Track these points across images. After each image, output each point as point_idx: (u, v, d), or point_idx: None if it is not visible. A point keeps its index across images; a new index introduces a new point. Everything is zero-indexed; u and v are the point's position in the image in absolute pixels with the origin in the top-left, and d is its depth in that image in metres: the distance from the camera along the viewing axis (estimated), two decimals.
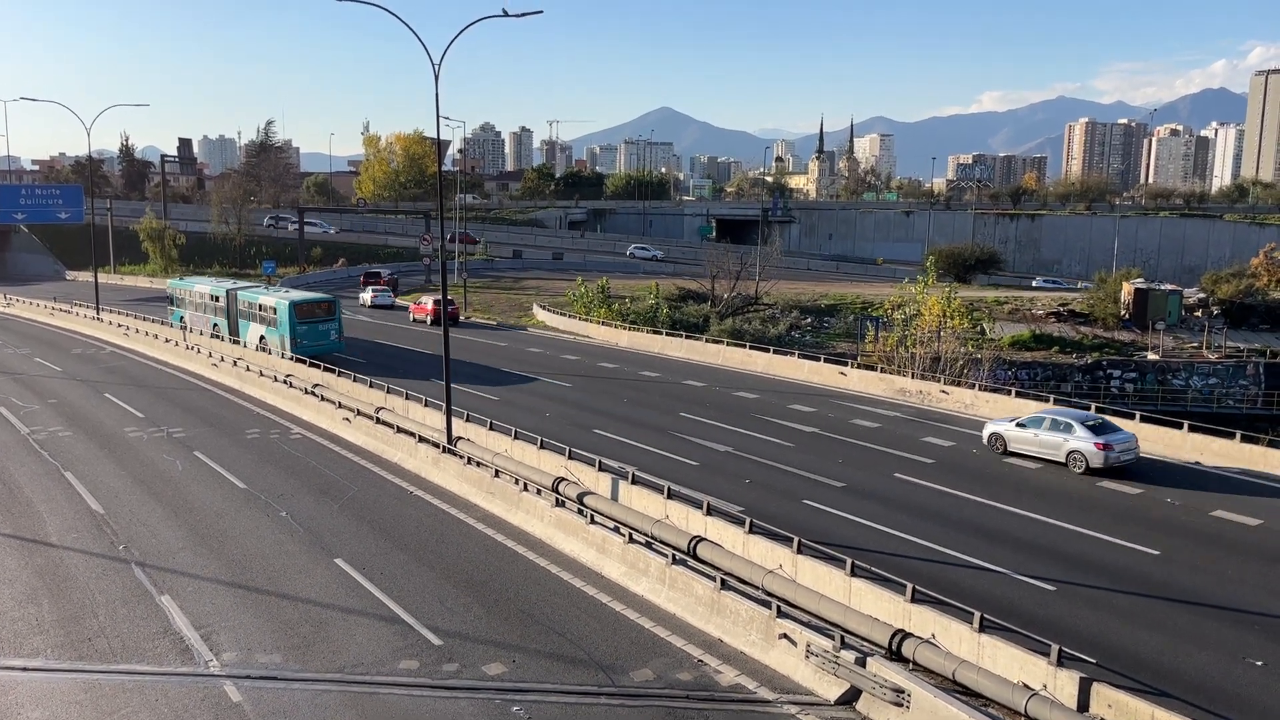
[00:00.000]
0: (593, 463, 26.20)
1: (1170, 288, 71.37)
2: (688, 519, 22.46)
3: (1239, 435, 28.82)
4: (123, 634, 18.55)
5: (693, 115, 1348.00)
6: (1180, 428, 30.13)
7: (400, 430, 31.76)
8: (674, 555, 20.35)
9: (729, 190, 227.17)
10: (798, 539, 19.89)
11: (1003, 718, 14.73)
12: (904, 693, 14.88)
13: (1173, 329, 64.50)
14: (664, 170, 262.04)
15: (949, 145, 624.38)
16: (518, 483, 25.31)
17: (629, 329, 56.37)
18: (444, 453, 28.85)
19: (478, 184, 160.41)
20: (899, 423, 34.67)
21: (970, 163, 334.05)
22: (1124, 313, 66.51)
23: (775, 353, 46.06)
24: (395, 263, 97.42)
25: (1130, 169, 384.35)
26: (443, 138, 43.28)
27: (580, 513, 23.56)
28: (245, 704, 15.91)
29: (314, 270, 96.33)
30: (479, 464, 27.38)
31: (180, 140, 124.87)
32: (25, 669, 17.34)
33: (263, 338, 48.46)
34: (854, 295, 76.49)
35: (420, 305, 64.46)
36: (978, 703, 14.91)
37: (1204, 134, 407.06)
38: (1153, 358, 58.26)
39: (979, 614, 16.29)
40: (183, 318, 57.03)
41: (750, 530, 20.97)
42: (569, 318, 62.04)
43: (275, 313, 47.52)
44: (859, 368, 42.76)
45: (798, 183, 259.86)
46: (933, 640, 16.49)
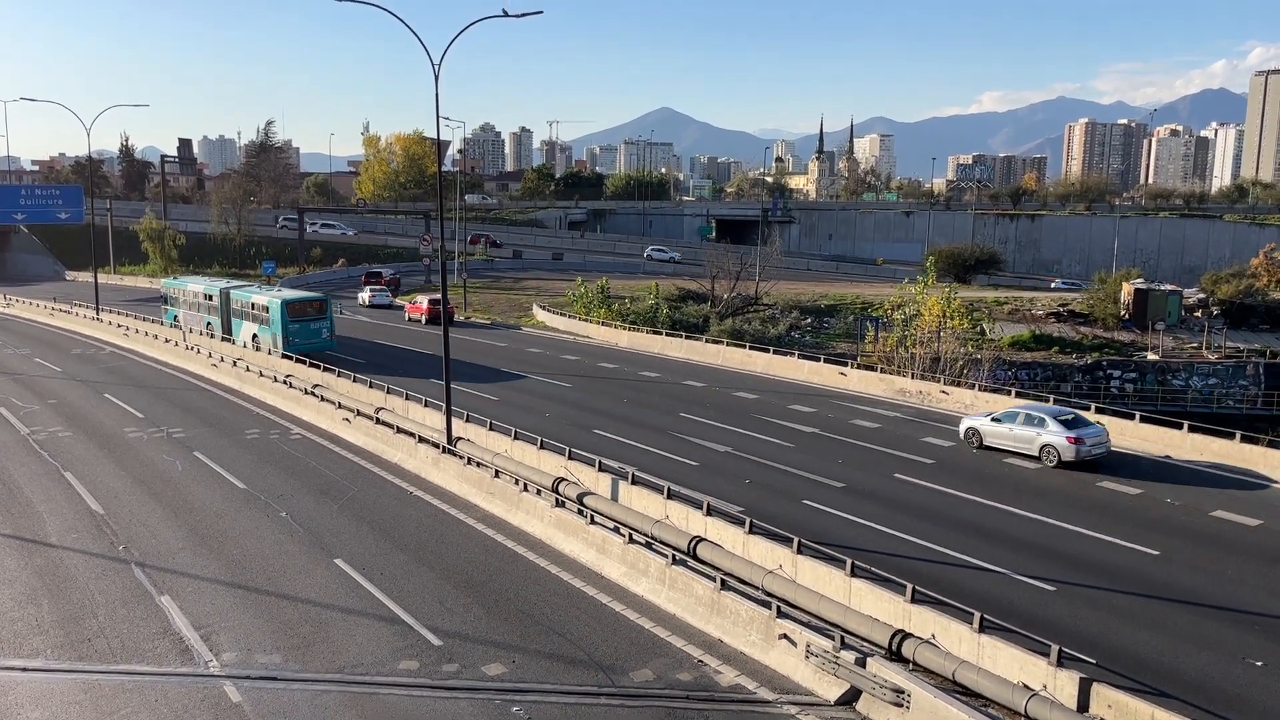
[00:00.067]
0: (593, 463, 26.21)
1: (1170, 288, 71.38)
2: (688, 519, 22.46)
3: (1239, 435, 28.82)
4: (122, 634, 18.55)
5: (693, 115, 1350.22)
6: (1180, 428, 30.15)
7: (400, 430, 31.77)
8: (674, 555, 20.34)
9: (729, 190, 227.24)
10: (798, 539, 19.89)
11: (1003, 718, 14.74)
12: (904, 693, 14.89)
13: (1172, 329, 64.51)
14: (664, 170, 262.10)
15: (949, 145, 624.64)
16: (518, 483, 25.31)
17: (629, 329, 56.37)
18: (444, 453, 28.85)
19: (478, 184, 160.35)
20: (899, 423, 34.67)
21: (970, 163, 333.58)
22: (1124, 313, 66.52)
23: (775, 353, 46.05)
24: (395, 263, 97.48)
25: (1130, 169, 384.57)
26: (443, 138, 43.33)
27: (580, 513, 23.56)
28: (245, 704, 15.91)
29: (314, 270, 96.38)
30: (479, 464, 27.38)
31: (180, 140, 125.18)
32: (25, 669, 17.35)
33: (255, 336, 48.81)
34: (854, 295, 76.50)
35: (416, 305, 65.24)
36: (978, 703, 14.91)
37: (1204, 134, 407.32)
38: (1152, 358, 58.27)
39: (979, 614, 16.29)
40: (177, 316, 57.44)
41: (750, 530, 20.97)
42: (569, 318, 62.04)
43: (268, 311, 47.91)
44: (859, 368, 42.76)
45: (797, 183, 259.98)
46: (933, 640, 16.49)
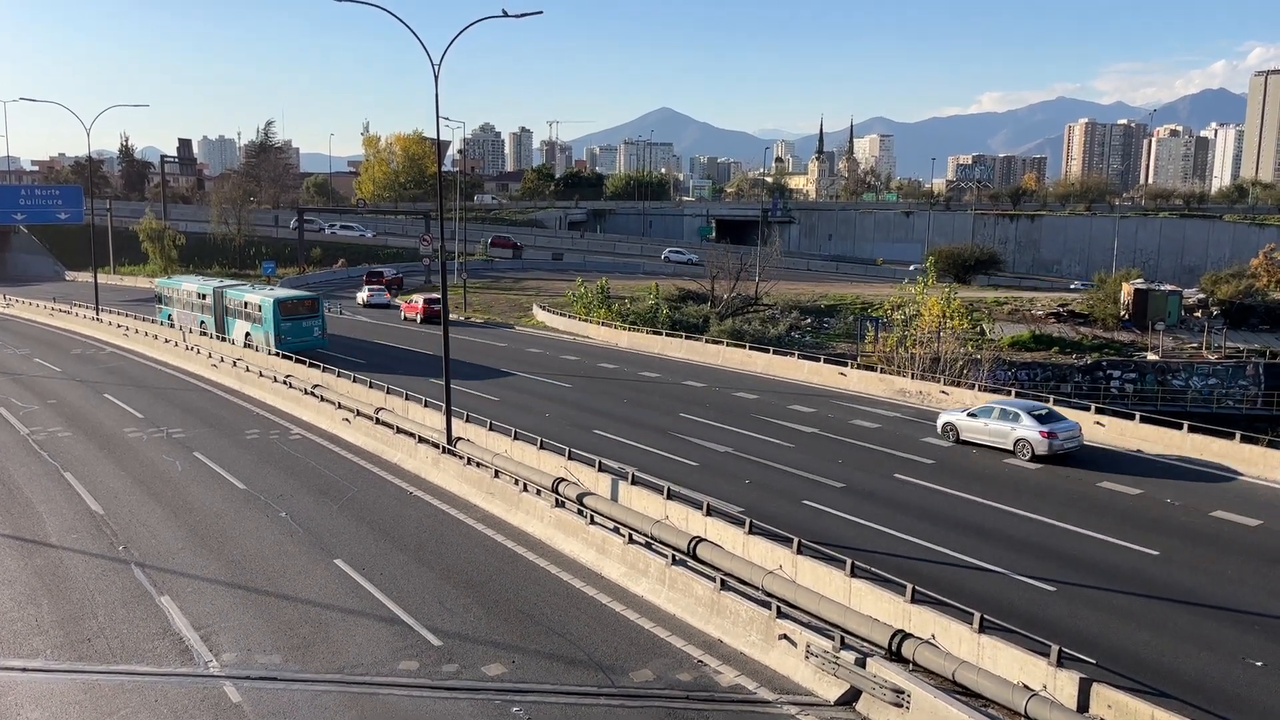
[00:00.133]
0: (592, 463, 26.20)
1: (1170, 288, 71.38)
2: (687, 519, 22.45)
3: (1239, 436, 28.82)
4: (122, 634, 18.55)
5: (692, 116, 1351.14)
6: (1180, 428, 30.14)
7: (400, 431, 31.76)
8: (674, 556, 20.34)
9: (729, 191, 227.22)
10: (797, 539, 19.89)
11: (1003, 718, 14.73)
12: (904, 693, 14.89)
13: (1172, 329, 64.51)
14: (664, 171, 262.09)
15: (948, 146, 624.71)
16: (517, 483, 25.31)
17: (629, 329, 56.36)
18: (444, 453, 28.85)
19: (478, 184, 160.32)
20: (899, 423, 34.66)
21: (970, 163, 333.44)
22: (1124, 313, 66.52)
23: (775, 353, 46.04)
24: (395, 263, 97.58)
25: (1130, 169, 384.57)
26: (443, 138, 43.32)
27: (580, 513, 23.55)
28: (245, 704, 15.91)
29: (314, 271, 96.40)
30: (479, 464, 27.38)
31: (180, 141, 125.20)
32: (25, 669, 17.35)
33: (248, 334, 49.32)
34: (853, 296, 76.49)
35: (411, 304, 66.21)
36: (978, 703, 14.91)
37: (1204, 134, 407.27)
38: (1152, 358, 58.27)
39: (979, 614, 16.29)
40: (171, 316, 57.89)
41: (750, 531, 20.96)
42: (569, 318, 62.05)
43: (260, 310, 48.43)
44: (859, 368, 42.74)
45: (797, 183, 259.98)
46: (933, 641, 16.49)
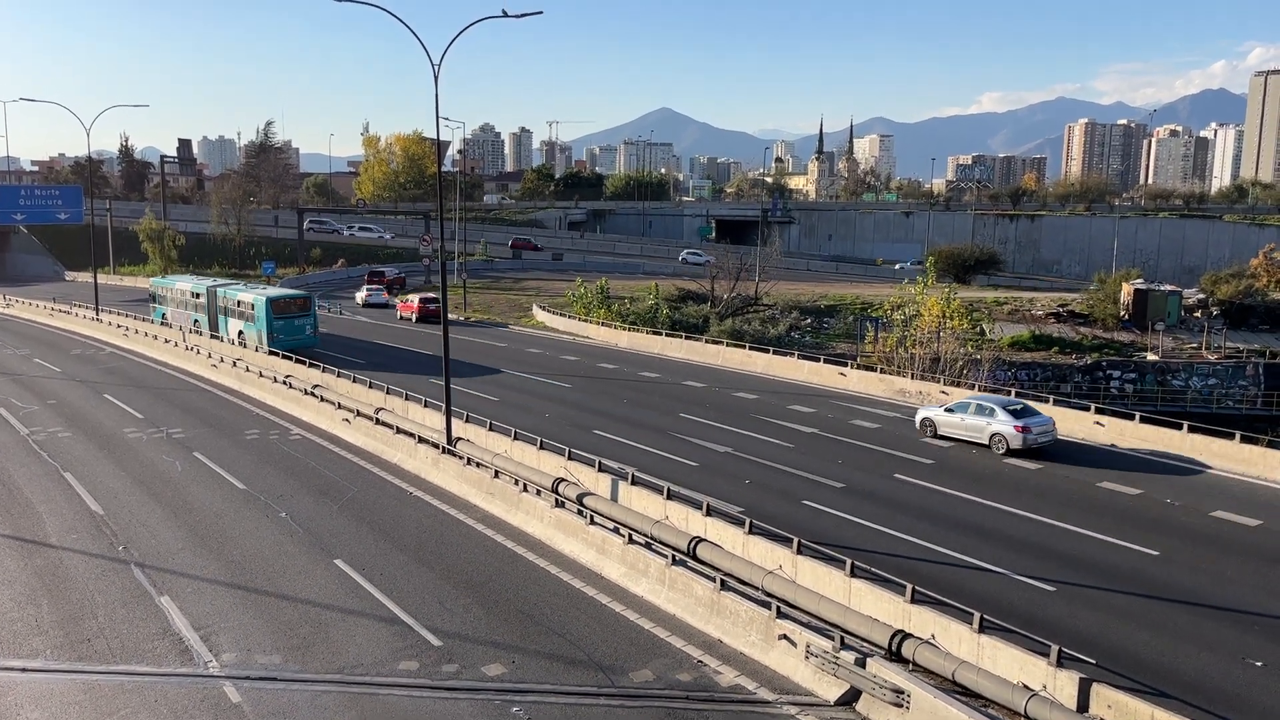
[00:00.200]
0: (592, 463, 26.21)
1: (1170, 288, 71.34)
2: (687, 520, 22.45)
3: (1239, 436, 28.81)
4: (122, 635, 18.55)
5: (692, 116, 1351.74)
6: (1180, 428, 30.14)
7: (400, 431, 31.77)
8: (674, 556, 20.34)
9: (729, 191, 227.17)
10: (797, 539, 19.89)
11: (1003, 718, 14.73)
12: (904, 693, 14.89)
13: (1172, 329, 64.50)
14: (664, 171, 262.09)
15: (948, 146, 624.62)
16: (517, 483, 25.31)
17: (628, 330, 56.37)
18: (443, 453, 28.85)
19: (478, 184, 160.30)
20: (898, 423, 34.65)
21: (970, 163, 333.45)
22: (1123, 313, 66.51)
23: (775, 353, 46.05)
24: (394, 263, 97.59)
25: (1130, 170, 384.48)
26: (442, 138, 43.35)
27: (580, 513, 23.54)
28: (245, 705, 15.91)
29: (314, 271, 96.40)
30: (479, 464, 27.38)
31: (180, 141, 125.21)
32: (25, 670, 17.35)
33: (241, 333, 49.93)
34: (853, 296, 76.47)
35: (407, 303, 66.98)
36: (977, 703, 14.91)
37: (1203, 135, 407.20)
38: (1152, 358, 58.26)
39: (979, 614, 16.29)
40: (165, 315, 58.47)
41: (750, 531, 20.96)
42: (568, 318, 62.07)
43: (253, 309, 49.05)
44: (858, 368, 42.76)
45: (797, 183, 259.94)
46: (932, 641, 16.49)
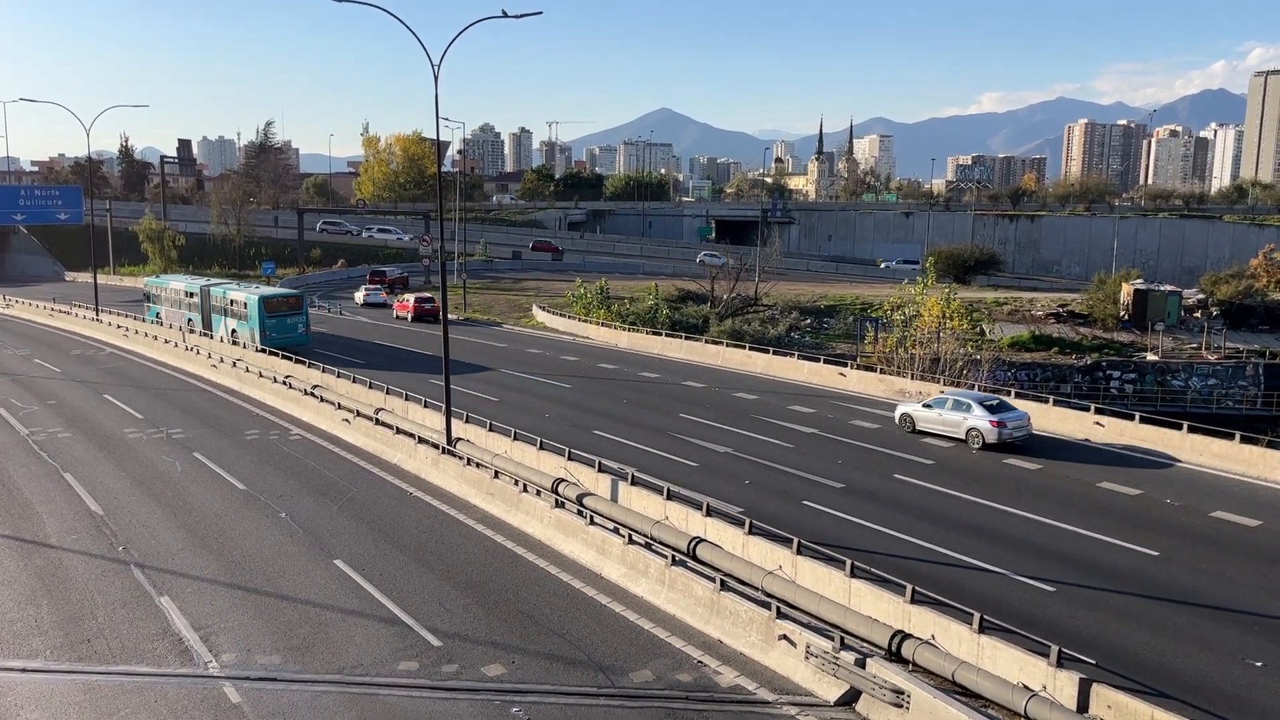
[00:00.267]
0: (592, 464, 26.21)
1: (1169, 289, 71.30)
2: (687, 520, 22.45)
3: (1239, 436, 28.81)
4: (122, 635, 18.55)
5: (692, 116, 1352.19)
6: (1180, 428, 30.13)
7: (400, 431, 31.77)
8: (673, 556, 20.34)
9: (728, 191, 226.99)
10: (797, 540, 19.89)
11: (1002, 719, 14.74)
12: (904, 694, 14.89)
13: (1172, 330, 64.49)
14: (663, 171, 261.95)
15: (948, 146, 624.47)
16: (517, 484, 25.31)
17: (628, 330, 56.37)
18: (443, 454, 28.85)
19: (477, 184, 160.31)
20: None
21: (969, 164, 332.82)
22: (1123, 313, 66.50)
23: (775, 354, 46.05)
24: (394, 264, 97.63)
25: (1129, 170, 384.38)
26: (442, 139, 43.36)
27: (580, 514, 23.53)
28: (244, 705, 15.91)
29: (314, 271, 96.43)
30: (478, 465, 27.38)
31: (180, 141, 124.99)
32: (24, 670, 17.34)
33: (234, 331, 50.57)
34: (853, 296, 76.46)
35: (403, 303, 67.71)
36: (977, 704, 14.91)
37: (1203, 135, 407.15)
38: (1152, 359, 58.26)
39: (978, 615, 16.29)
40: (159, 314, 59.00)
41: (750, 531, 20.96)
42: (568, 318, 62.09)
43: (245, 307, 49.73)
44: (858, 369, 42.77)
45: (797, 184, 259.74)
46: (932, 641, 16.49)
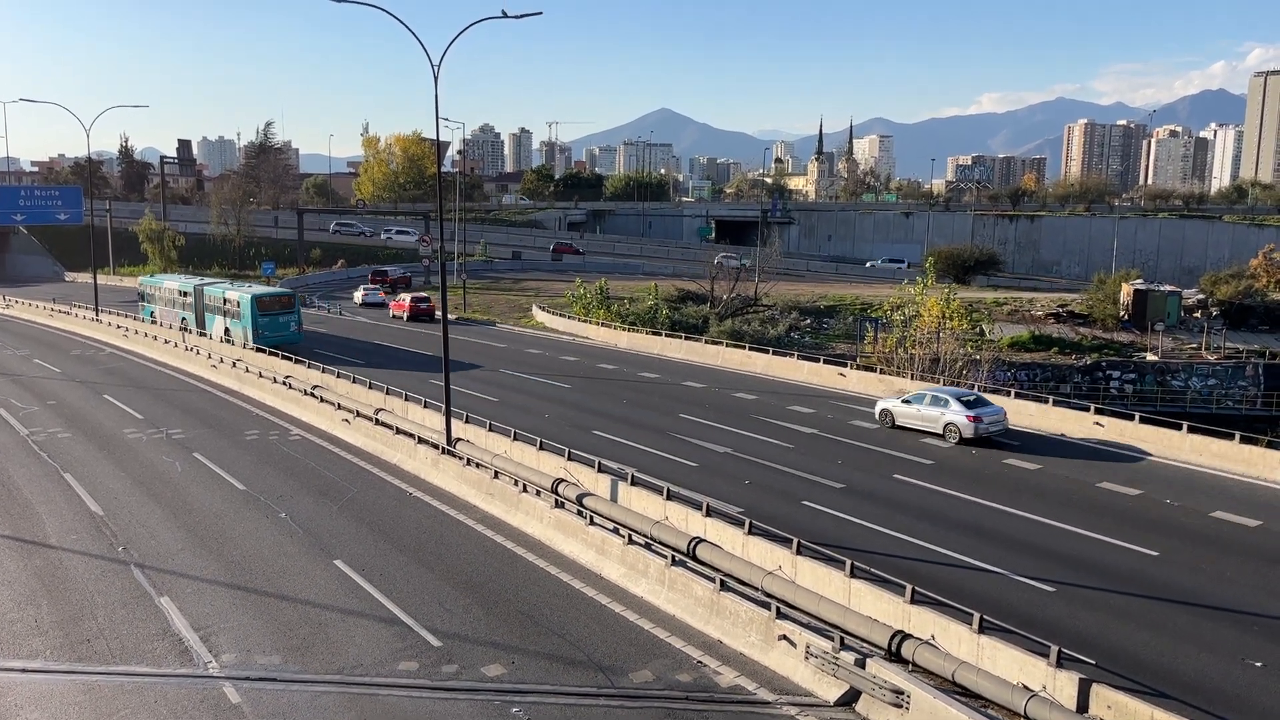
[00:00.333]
0: (592, 464, 26.21)
1: (1169, 289, 71.29)
2: (687, 520, 22.45)
3: (1238, 436, 28.81)
4: (122, 635, 18.54)
5: (692, 116, 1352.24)
6: (1180, 428, 30.13)
7: (399, 431, 31.77)
8: (673, 556, 20.33)
9: (728, 191, 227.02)
10: (797, 540, 19.89)
11: (1002, 719, 14.74)
12: (903, 694, 14.89)
13: (1172, 330, 64.49)
14: (663, 171, 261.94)
15: (948, 146, 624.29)
16: (517, 484, 25.31)
17: (628, 330, 56.38)
18: (443, 454, 28.85)
19: (477, 184, 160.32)
20: None
21: (969, 164, 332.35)
22: (1123, 314, 66.50)
23: (774, 354, 46.05)
24: (394, 264, 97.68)
25: (1129, 170, 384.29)
26: (442, 139, 43.35)
27: (579, 514, 23.53)
28: (244, 705, 15.91)
29: (314, 271, 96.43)
30: (478, 465, 27.38)
31: (179, 141, 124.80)
32: (24, 670, 17.34)
33: (227, 330, 51.10)
34: (853, 296, 76.45)
35: (399, 302, 68.27)
36: (977, 704, 14.91)
37: (1203, 135, 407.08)
38: (1152, 359, 58.26)
39: (978, 615, 16.29)
40: (153, 313, 59.44)
41: (749, 531, 20.96)
42: (568, 319, 62.10)
43: (239, 306, 50.21)
44: (858, 369, 42.76)
45: (797, 184, 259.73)
46: (932, 641, 16.49)
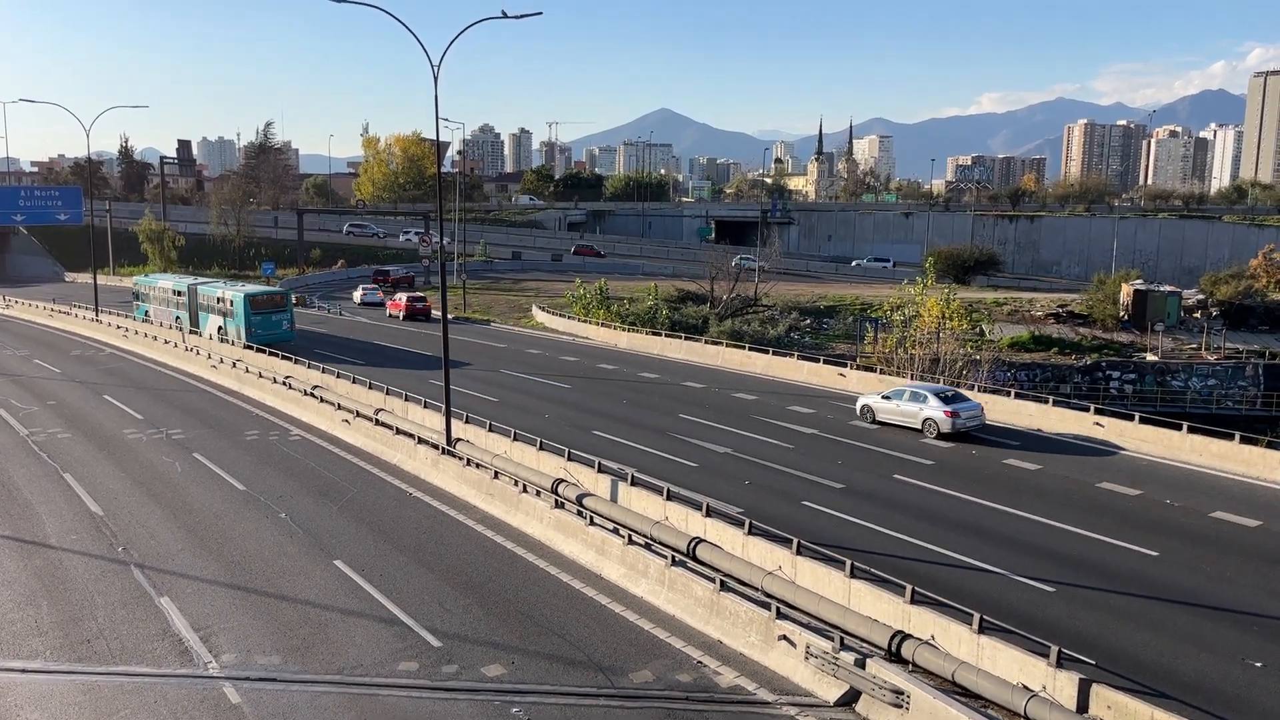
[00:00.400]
0: (592, 464, 26.21)
1: (1169, 289, 71.29)
2: (687, 520, 22.45)
3: (1238, 437, 28.81)
4: (122, 636, 18.54)
5: (692, 117, 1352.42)
6: (1180, 429, 30.13)
7: (399, 432, 31.77)
8: (673, 557, 20.34)
9: (728, 191, 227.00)
10: (797, 540, 19.89)
11: (1002, 719, 14.74)
12: (903, 694, 14.89)
13: (1172, 330, 64.49)
14: (663, 171, 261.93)
15: (948, 147, 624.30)
16: (517, 484, 25.31)
17: (628, 330, 56.38)
18: (443, 454, 28.85)
19: (477, 185, 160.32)
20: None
21: (969, 164, 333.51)
22: (1123, 314, 66.50)
23: (774, 354, 46.05)
24: (394, 264, 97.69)
25: (1129, 170, 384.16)
26: (442, 139, 43.35)
27: (579, 514, 23.53)
28: (244, 705, 15.91)
29: (313, 271, 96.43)
30: (478, 465, 27.38)
31: (179, 142, 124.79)
32: (24, 671, 17.33)
33: (221, 328, 51.79)
34: (853, 296, 76.47)
35: (395, 302, 68.73)
36: (977, 704, 14.92)
37: (1203, 135, 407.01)
38: (1152, 359, 58.27)
39: (978, 615, 16.29)
40: (148, 312, 60.01)
41: (749, 532, 20.96)
42: (568, 319, 62.10)
43: (232, 305, 50.97)
44: (858, 369, 42.75)
45: (797, 184, 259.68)
46: (932, 641, 16.49)
